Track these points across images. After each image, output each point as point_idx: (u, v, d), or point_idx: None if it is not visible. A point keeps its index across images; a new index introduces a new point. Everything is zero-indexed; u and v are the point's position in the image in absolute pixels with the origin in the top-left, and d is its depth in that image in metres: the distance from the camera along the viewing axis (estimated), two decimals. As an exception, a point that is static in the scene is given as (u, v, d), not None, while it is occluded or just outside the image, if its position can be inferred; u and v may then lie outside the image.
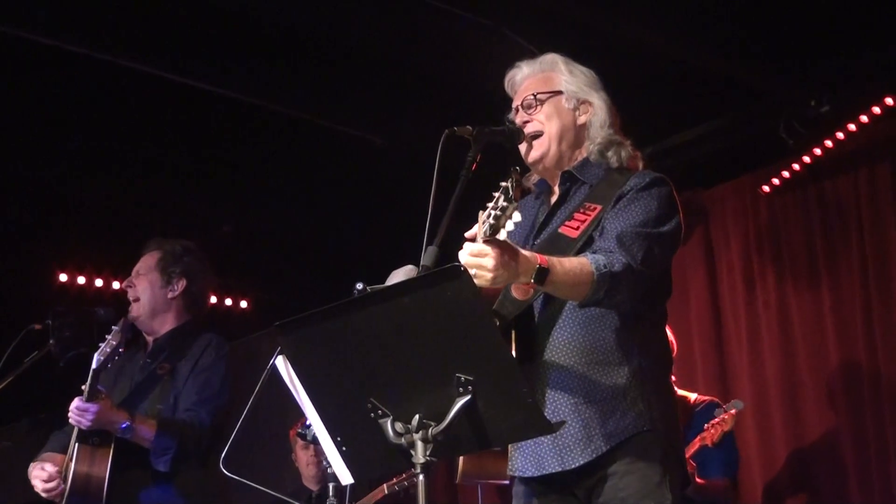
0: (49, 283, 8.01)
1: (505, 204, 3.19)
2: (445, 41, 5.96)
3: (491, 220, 3.21)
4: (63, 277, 8.08)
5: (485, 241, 3.22)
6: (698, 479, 5.85)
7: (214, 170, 7.19)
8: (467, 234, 3.33)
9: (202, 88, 6.26)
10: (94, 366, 4.98)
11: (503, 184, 3.21)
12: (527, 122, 3.88)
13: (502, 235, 3.22)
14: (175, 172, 7.19)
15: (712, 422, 5.82)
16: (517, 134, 3.80)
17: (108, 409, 4.97)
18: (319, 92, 6.45)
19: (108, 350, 5.03)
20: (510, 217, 3.20)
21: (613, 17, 5.76)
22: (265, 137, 6.86)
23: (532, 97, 3.88)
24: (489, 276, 3.22)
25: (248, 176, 7.28)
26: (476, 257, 3.22)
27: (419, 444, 3.04)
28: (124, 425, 4.96)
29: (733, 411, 5.84)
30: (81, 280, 8.14)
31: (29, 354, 5.15)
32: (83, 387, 4.96)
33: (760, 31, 5.99)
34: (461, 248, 3.28)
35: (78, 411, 4.90)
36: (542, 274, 3.33)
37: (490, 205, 3.23)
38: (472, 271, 3.13)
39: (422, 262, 3.34)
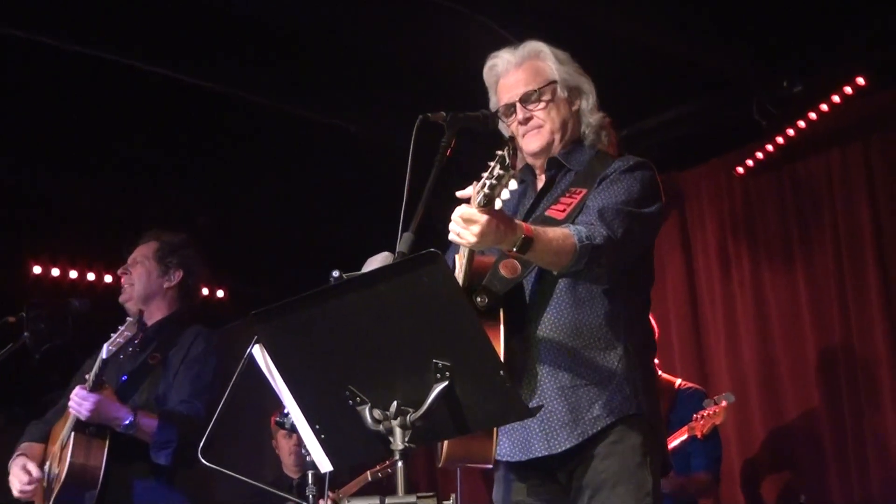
0: (22, 275, 7.97)
1: (501, 172, 3.16)
2: (418, 28, 5.95)
3: (486, 190, 3.18)
4: (37, 269, 8.04)
5: (479, 210, 3.22)
6: (677, 478, 5.85)
7: (188, 161, 7.20)
8: (459, 194, 3.31)
9: (175, 79, 6.24)
10: (103, 355, 4.92)
11: (499, 153, 3.17)
12: (529, 117, 3.86)
13: (497, 205, 3.20)
14: (148, 164, 7.19)
15: (703, 412, 5.79)
16: (490, 119, 3.79)
17: (111, 401, 4.94)
18: (292, 81, 6.47)
19: (121, 341, 4.99)
20: (506, 186, 3.18)
21: (587, 4, 5.78)
22: (239, 128, 6.88)
23: (534, 91, 3.85)
24: (474, 239, 3.23)
25: (222, 167, 7.29)
26: (465, 221, 3.22)
27: (397, 431, 3.03)
28: (127, 421, 4.91)
29: (724, 404, 5.79)
30: (55, 272, 8.10)
31: (2, 348, 5.12)
32: (87, 375, 4.93)
33: (733, 14, 6.02)
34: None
35: (78, 399, 4.86)
36: (527, 243, 3.33)
37: (485, 174, 3.20)
38: (456, 230, 3.18)
39: (398, 249, 3.35)
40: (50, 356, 5.24)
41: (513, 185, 3.19)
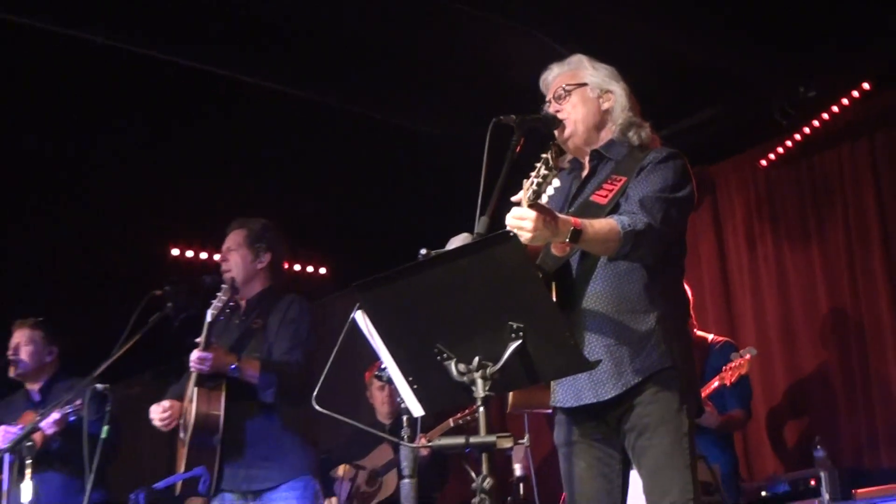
0: (164, 257, 8.11)
1: (546, 172, 3.25)
2: (487, 44, 5.97)
3: (534, 187, 3.27)
4: (175, 252, 8.17)
5: (529, 206, 3.26)
6: (719, 417, 5.86)
7: (294, 161, 7.24)
8: (513, 199, 3.36)
9: (294, 95, 6.34)
10: (208, 319, 5.06)
11: (543, 155, 3.29)
12: (558, 110, 3.89)
13: (543, 199, 3.27)
14: (264, 163, 7.26)
15: (730, 365, 5.77)
16: (553, 121, 3.83)
17: (221, 354, 5.05)
18: (386, 94, 6.51)
19: (220, 305, 5.09)
20: (550, 183, 3.26)
21: (631, 22, 5.79)
22: (342, 135, 6.91)
23: (562, 89, 3.90)
24: (529, 235, 3.26)
25: (322, 166, 7.31)
26: (519, 219, 3.27)
27: (479, 381, 3.07)
28: (233, 367, 5.03)
29: (748, 357, 5.78)
30: (190, 254, 8.22)
31: (151, 317, 5.21)
32: (197, 340, 5.03)
33: (759, 30, 6.01)
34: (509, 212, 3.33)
35: (199, 359, 4.98)
36: (577, 234, 3.37)
37: (533, 174, 3.28)
38: (514, 230, 3.19)
39: (476, 230, 3.38)
40: (187, 323, 5.30)
41: (556, 182, 3.27)
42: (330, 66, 6.15)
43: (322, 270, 8.90)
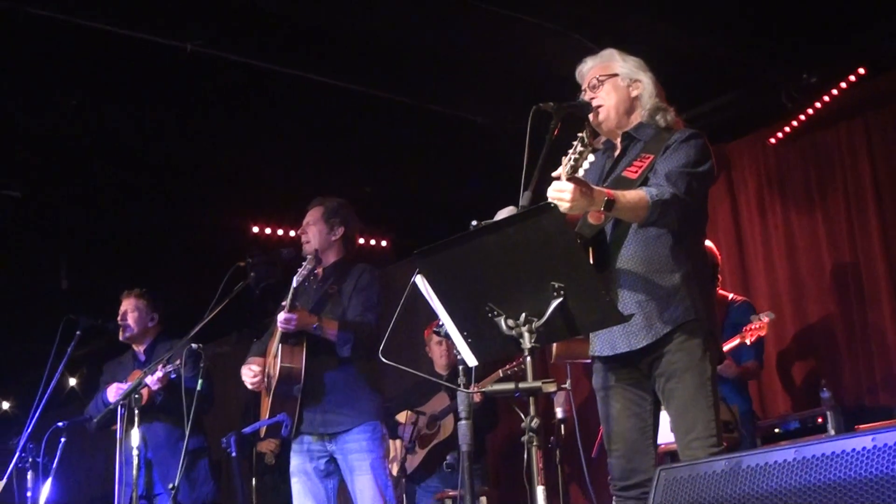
0: (245, 232, 8.16)
1: (581, 149, 3.26)
2: (529, 44, 5.97)
3: (571, 163, 3.28)
4: (255, 228, 8.22)
5: (567, 179, 3.27)
6: (737, 368, 5.86)
7: (358, 148, 7.28)
8: (553, 174, 3.37)
9: (363, 92, 6.38)
10: (294, 284, 5.09)
11: (580, 135, 3.30)
12: (592, 98, 3.89)
13: (580, 173, 3.28)
14: (334, 151, 7.28)
15: (750, 327, 5.77)
16: (587, 106, 3.83)
17: (305, 315, 5.10)
18: (441, 88, 6.51)
19: (304, 273, 5.13)
20: (585, 159, 3.25)
21: (657, 21, 5.81)
22: (403, 124, 6.91)
23: (595, 80, 3.90)
24: (567, 204, 3.27)
25: (384, 151, 7.34)
26: (559, 191, 3.29)
27: (525, 335, 3.10)
28: (315, 326, 5.08)
29: (766, 320, 5.79)
30: (269, 230, 8.27)
31: (236, 285, 5.26)
32: (283, 303, 5.08)
33: (769, 24, 6.02)
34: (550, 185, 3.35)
35: (286, 320, 5.02)
36: (610, 203, 3.38)
37: (570, 151, 3.29)
38: (555, 201, 3.21)
39: (520, 203, 3.39)
40: (266, 291, 5.36)
41: (591, 157, 3.28)
42: (392, 66, 6.18)
43: (384, 243, 8.92)
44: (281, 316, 5.04)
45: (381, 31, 5.82)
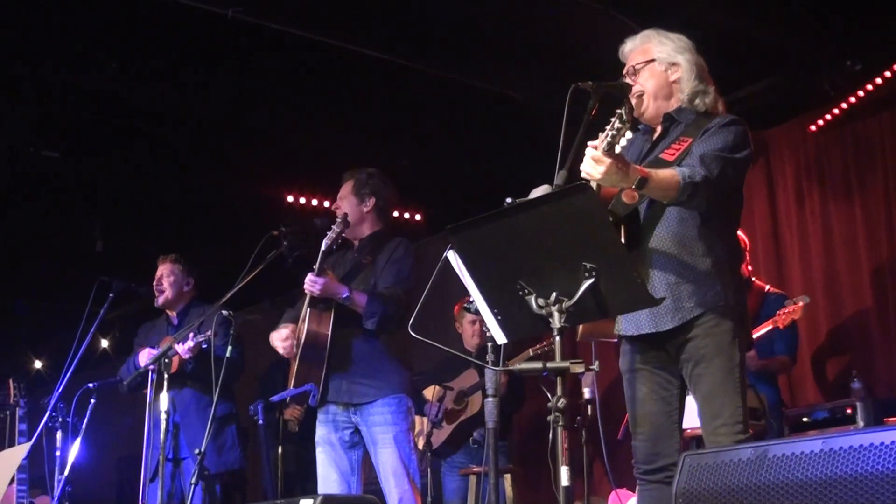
0: (279, 202, 8.19)
1: (619, 126, 3.23)
2: (570, 22, 5.94)
3: (608, 139, 3.25)
4: (290, 198, 8.25)
5: (604, 153, 3.25)
6: (759, 361, 5.81)
7: (401, 124, 7.28)
8: (590, 144, 3.35)
9: (400, 65, 6.36)
10: (322, 248, 5.10)
11: (618, 111, 3.26)
12: (632, 85, 3.86)
13: (617, 149, 3.26)
14: (371, 123, 7.29)
15: (784, 310, 5.73)
16: (626, 87, 3.79)
17: (332, 281, 5.10)
18: (481, 64, 6.50)
19: (333, 235, 5.14)
20: (623, 136, 3.23)
21: (700, 4, 5.74)
22: (440, 99, 6.90)
23: (633, 68, 3.88)
24: (599, 176, 3.27)
25: (421, 126, 7.34)
26: (595, 161, 3.27)
27: (556, 314, 3.10)
28: (345, 294, 5.07)
29: (801, 304, 5.74)
30: (302, 200, 8.29)
31: (268, 254, 5.28)
32: (314, 266, 5.09)
33: (815, 10, 5.95)
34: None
35: (311, 281, 5.02)
36: (643, 182, 3.36)
37: (608, 127, 3.27)
38: (587, 171, 3.21)
39: (555, 182, 3.38)
40: (299, 260, 5.37)
41: (629, 135, 3.26)
42: (433, 40, 6.18)
43: (417, 217, 8.92)
44: (308, 277, 5.04)
45: (424, 5, 5.82)
